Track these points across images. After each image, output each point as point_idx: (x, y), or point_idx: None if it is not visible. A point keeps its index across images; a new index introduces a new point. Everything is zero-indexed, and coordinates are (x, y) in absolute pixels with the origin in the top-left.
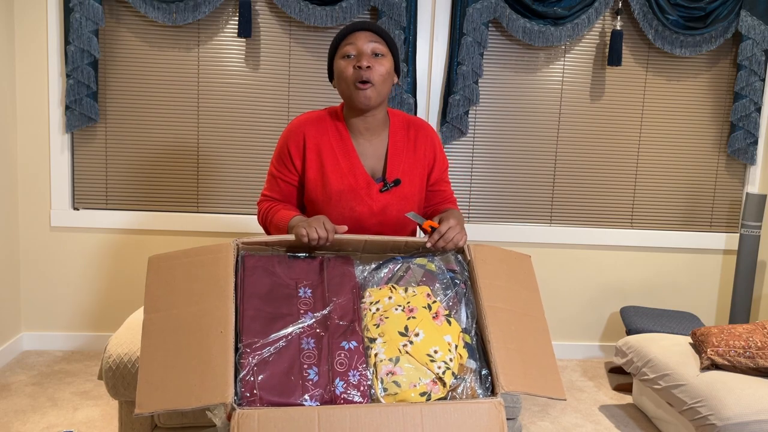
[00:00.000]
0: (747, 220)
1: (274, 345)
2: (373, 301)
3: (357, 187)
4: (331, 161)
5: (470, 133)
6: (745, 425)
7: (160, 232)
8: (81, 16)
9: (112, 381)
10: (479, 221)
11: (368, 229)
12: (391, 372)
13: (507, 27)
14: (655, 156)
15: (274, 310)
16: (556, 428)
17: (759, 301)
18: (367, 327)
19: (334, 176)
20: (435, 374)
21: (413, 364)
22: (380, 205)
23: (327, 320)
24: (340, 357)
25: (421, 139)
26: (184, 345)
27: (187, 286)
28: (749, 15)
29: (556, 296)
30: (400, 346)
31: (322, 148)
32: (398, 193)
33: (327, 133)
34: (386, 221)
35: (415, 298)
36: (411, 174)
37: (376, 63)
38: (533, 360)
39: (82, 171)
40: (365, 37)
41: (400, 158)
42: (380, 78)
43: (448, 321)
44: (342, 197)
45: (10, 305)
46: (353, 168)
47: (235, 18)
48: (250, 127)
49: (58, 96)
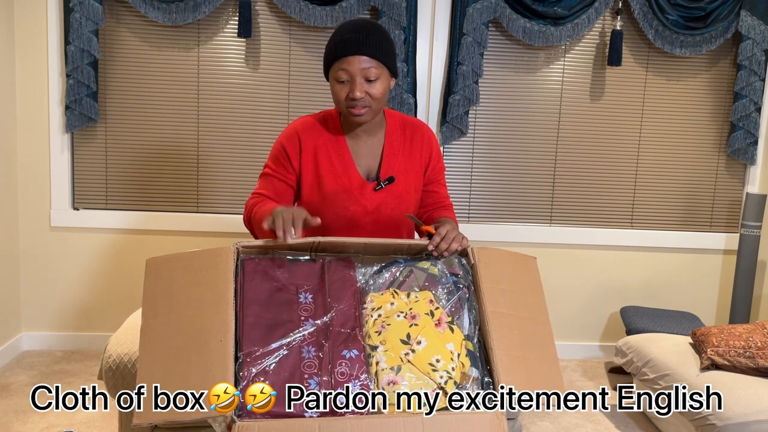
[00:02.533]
0: (747, 220)
1: (274, 354)
2: (374, 307)
3: (351, 187)
4: (326, 163)
5: (470, 133)
6: (745, 425)
7: (160, 232)
8: (81, 16)
9: (112, 381)
10: (479, 221)
11: (363, 227)
12: (393, 382)
13: (507, 27)
14: (655, 156)
15: (274, 317)
16: (556, 428)
17: (759, 301)
18: (369, 334)
19: (328, 178)
20: (437, 384)
21: (415, 374)
22: (374, 204)
23: (328, 327)
24: (341, 366)
25: (417, 138)
26: (183, 353)
27: (186, 291)
28: (749, 15)
29: (556, 296)
30: (402, 354)
31: (317, 150)
32: (393, 191)
33: (322, 136)
34: (380, 219)
35: (417, 304)
36: (406, 173)
37: (369, 88)
38: (537, 367)
39: (82, 171)
40: (357, 62)
41: (396, 158)
42: (374, 100)
43: (450, 328)
44: (336, 197)
45: (10, 305)
46: (347, 169)
47: (235, 18)
48: (250, 127)
49: (58, 96)
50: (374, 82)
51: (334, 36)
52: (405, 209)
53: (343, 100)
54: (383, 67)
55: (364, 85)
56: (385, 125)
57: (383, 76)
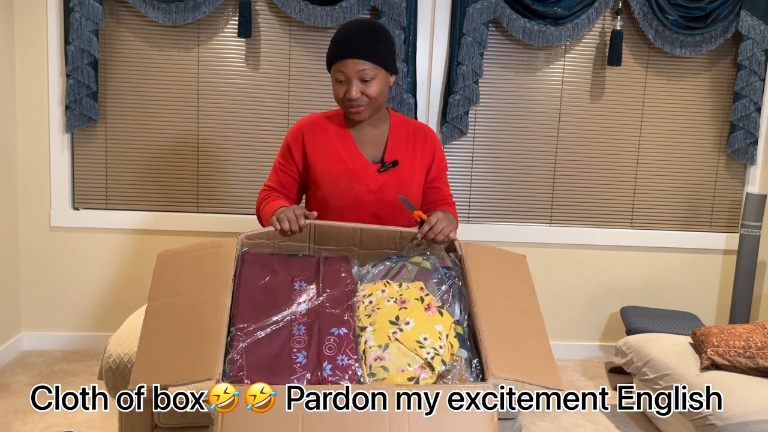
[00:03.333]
0: (747, 220)
1: (265, 329)
2: (366, 294)
3: (354, 168)
4: (331, 150)
5: (470, 133)
6: (745, 425)
7: (160, 232)
8: (81, 16)
9: (112, 381)
10: (479, 221)
11: (367, 207)
12: (380, 357)
13: (507, 27)
14: (655, 156)
15: (268, 298)
16: (556, 428)
17: (759, 301)
18: (359, 317)
19: (333, 161)
20: (423, 359)
21: (401, 350)
22: (378, 184)
23: (320, 308)
24: (329, 342)
25: (420, 138)
26: (180, 328)
27: (190, 278)
28: (749, 15)
29: (556, 296)
30: (390, 333)
31: (321, 141)
32: (396, 175)
33: (327, 129)
34: (384, 199)
35: (408, 291)
36: (410, 163)
37: (365, 88)
38: (527, 349)
39: (82, 171)
40: (352, 65)
41: (399, 147)
42: (371, 99)
43: (440, 312)
44: (341, 178)
45: (10, 305)
46: (351, 153)
47: (235, 18)
48: (250, 126)
49: (58, 96)
50: (370, 82)
51: (333, 37)
52: (408, 195)
53: (342, 98)
54: (378, 68)
55: (360, 86)
56: (390, 120)
57: (379, 76)
